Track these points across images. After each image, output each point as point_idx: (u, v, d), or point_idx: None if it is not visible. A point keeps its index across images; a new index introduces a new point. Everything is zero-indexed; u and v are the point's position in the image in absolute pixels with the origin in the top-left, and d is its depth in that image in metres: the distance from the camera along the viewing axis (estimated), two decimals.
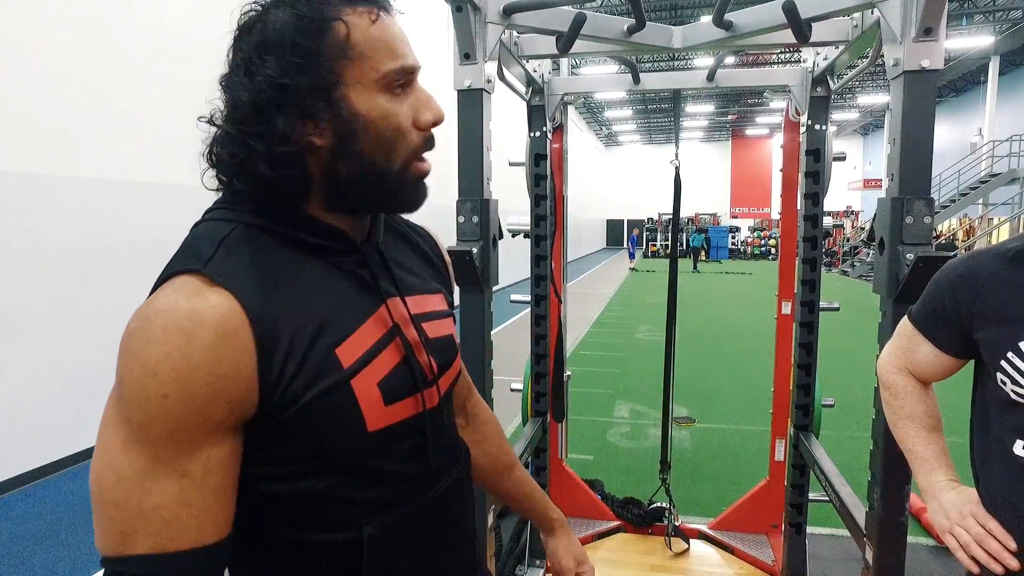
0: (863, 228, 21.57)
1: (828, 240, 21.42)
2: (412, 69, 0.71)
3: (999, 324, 0.99)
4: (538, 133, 2.51)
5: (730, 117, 29.55)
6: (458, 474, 0.83)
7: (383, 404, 0.70)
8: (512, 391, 2.75)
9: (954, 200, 15.62)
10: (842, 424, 4.70)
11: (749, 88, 3.25)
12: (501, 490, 1.07)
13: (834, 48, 2.06)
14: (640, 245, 26.78)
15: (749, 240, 28.94)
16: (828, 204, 2.34)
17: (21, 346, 3.77)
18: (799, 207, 2.35)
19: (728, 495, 3.45)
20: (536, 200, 2.56)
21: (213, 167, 0.69)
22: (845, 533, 2.26)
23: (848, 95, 22.99)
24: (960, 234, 17.54)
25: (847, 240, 22.27)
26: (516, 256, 4.14)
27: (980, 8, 14.63)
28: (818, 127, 2.25)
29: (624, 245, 32.55)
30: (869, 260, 17.35)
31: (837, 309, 2.42)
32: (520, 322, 8.24)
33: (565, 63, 2.92)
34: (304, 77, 0.64)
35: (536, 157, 2.52)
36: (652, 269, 20.77)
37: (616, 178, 34.87)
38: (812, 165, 2.26)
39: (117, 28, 4.27)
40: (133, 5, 4.40)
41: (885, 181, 1.50)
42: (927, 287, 1.13)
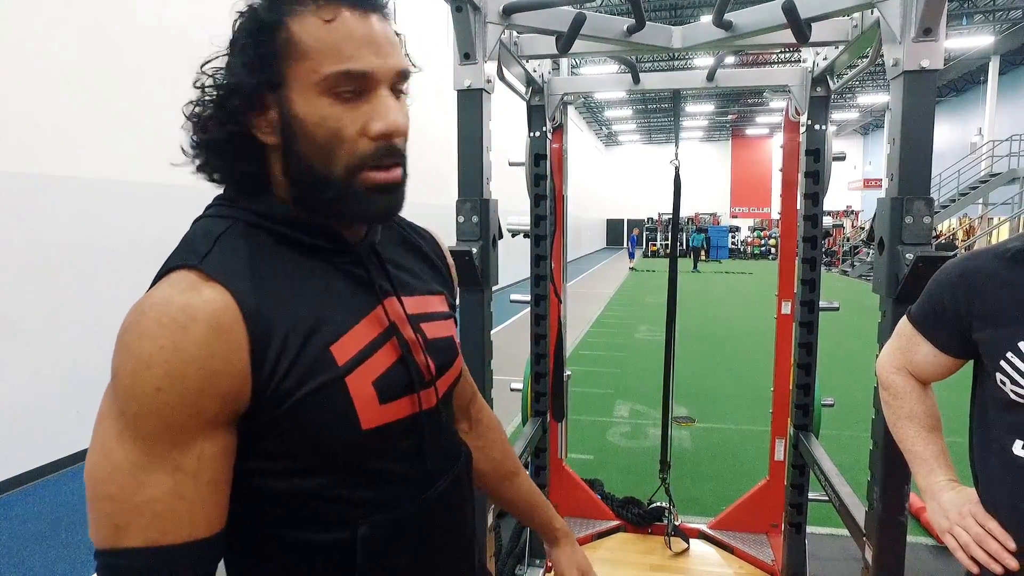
0: (863, 228, 21.56)
1: (828, 240, 21.43)
2: (360, 74, 0.66)
3: (998, 324, 0.99)
4: (538, 133, 2.51)
5: (730, 117, 29.55)
6: (457, 475, 0.83)
7: (378, 403, 0.69)
8: (512, 391, 2.75)
9: (954, 200, 15.62)
10: (842, 424, 4.70)
11: (749, 88, 3.25)
12: (503, 497, 1.06)
13: (834, 48, 2.06)
14: (640, 245, 26.80)
15: (749, 240, 28.96)
16: (828, 204, 2.34)
17: (21, 346, 3.78)
18: (799, 207, 2.35)
19: (728, 495, 3.45)
20: (536, 200, 2.56)
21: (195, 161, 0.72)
22: (845, 533, 2.26)
23: (848, 95, 22.99)
24: (960, 234, 17.54)
25: (847, 240, 22.28)
26: (516, 256, 4.14)
27: (980, 8, 14.63)
28: (818, 127, 2.25)
29: (624, 245, 32.56)
30: (869, 260, 17.35)
31: (837, 309, 2.42)
32: (520, 322, 8.24)
33: (565, 63, 2.92)
34: (250, 77, 0.66)
35: (536, 157, 2.52)
36: (652, 269, 20.77)
37: (616, 178, 34.86)
38: (812, 165, 2.27)
39: (117, 28, 4.27)
40: (133, 5, 4.40)
41: (885, 181, 1.50)
42: (926, 287, 1.13)
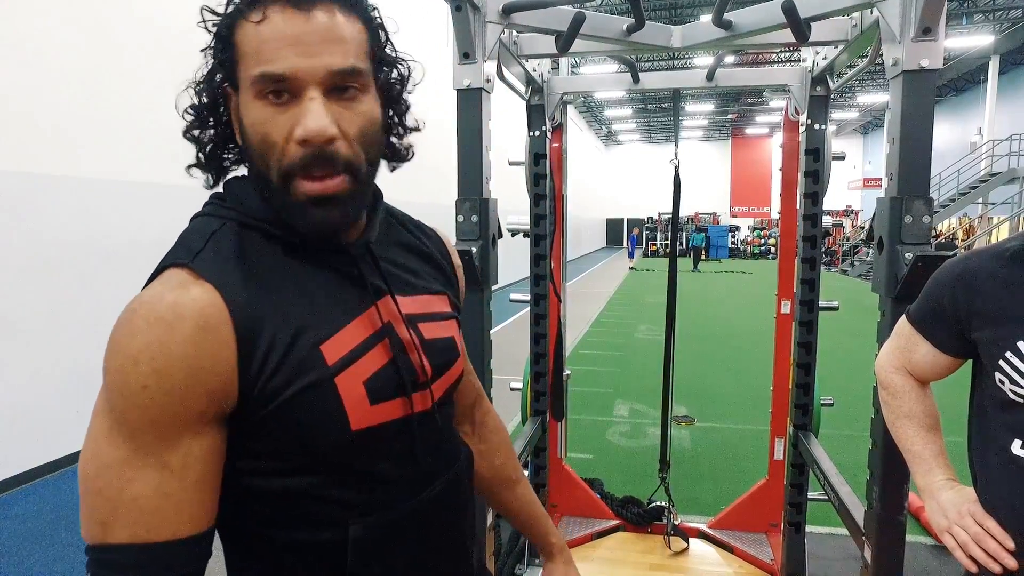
0: (863, 227, 21.57)
1: (828, 239, 21.42)
2: (278, 76, 0.62)
3: (997, 324, 0.99)
4: (537, 132, 2.51)
5: (730, 116, 29.55)
6: (454, 478, 0.81)
7: (368, 404, 0.68)
8: (512, 390, 2.75)
9: (954, 199, 15.62)
10: (841, 423, 4.70)
11: (749, 88, 3.25)
12: (501, 504, 1.05)
13: (833, 48, 2.06)
14: (640, 244, 26.79)
15: (749, 239, 28.96)
16: (828, 203, 2.34)
17: (21, 346, 3.78)
18: (798, 206, 2.35)
19: (727, 494, 3.45)
20: (535, 199, 2.56)
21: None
22: (844, 532, 2.26)
23: (848, 94, 22.98)
24: (960, 233, 17.54)
25: (847, 239, 22.28)
26: (515, 255, 4.15)
27: (980, 7, 14.63)
28: (817, 126, 2.25)
29: (624, 244, 32.56)
30: (868, 259, 17.35)
31: (836, 308, 2.42)
32: (520, 321, 8.24)
33: (565, 62, 2.92)
34: (212, 79, 0.69)
35: (535, 156, 2.52)
36: (652, 268, 20.76)
37: (616, 177, 34.85)
38: (811, 164, 2.27)
39: (117, 28, 4.27)
40: (133, 5, 4.40)
41: (884, 180, 1.50)
42: (925, 286, 1.13)
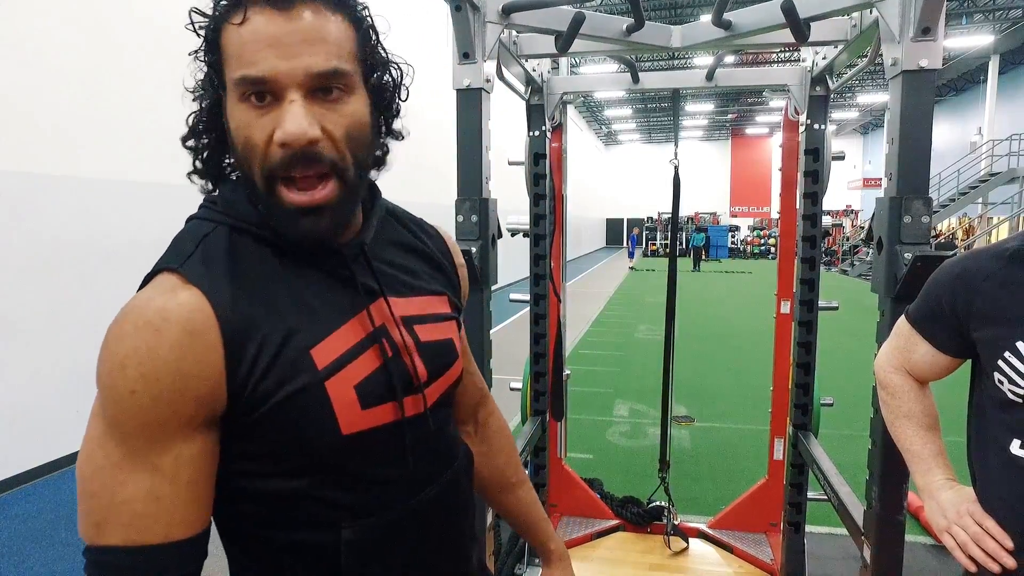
0: (862, 227, 21.57)
1: (827, 239, 21.42)
2: (258, 79, 0.62)
3: (996, 324, 0.99)
4: (537, 132, 2.51)
5: (730, 116, 29.55)
6: (453, 479, 0.80)
7: (359, 408, 0.68)
8: (512, 390, 2.75)
9: (953, 199, 15.62)
10: (841, 423, 4.70)
11: (748, 87, 3.25)
12: (502, 507, 1.03)
13: (833, 48, 2.06)
14: (640, 244, 26.78)
15: (749, 239, 28.95)
16: (828, 203, 2.34)
17: (21, 346, 3.78)
18: (798, 206, 2.35)
19: (727, 494, 3.45)
20: (535, 199, 2.56)
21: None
22: (844, 532, 2.26)
23: (848, 94, 22.98)
24: (959, 233, 17.54)
25: (846, 239, 22.28)
26: (515, 255, 4.15)
27: (980, 7, 14.62)
28: (817, 126, 2.25)
29: (624, 244, 32.55)
30: (868, 259, 17.35)
31: (836, 308, 2.42)
32: (519, 321, 8.24)
33: (564, 62, 2.92)
34: (206, 84, 0.69)
35: (535, 156, 2.52)
36: (652, 268, 20.76)
37: (616, 177, 34.85)
38: (811, 164, 2.27)
39: (117, 28, 4.27)
40: (133, 5, 4.39)
41: (884, 180, 1.50)
42: (925, 286, 1.13)
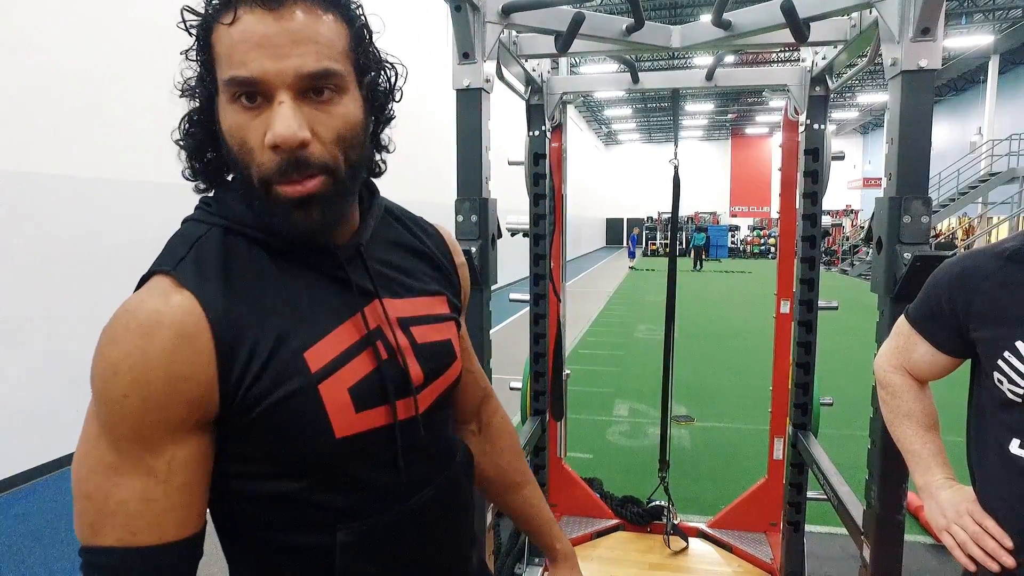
0: (862, 227, 21.57)
1: (827, 239, 21.43)
2: (247, 80, 0.61)
3: (996, 324, 1.00)
4: (537, 132, 2.51)
5: (729, 116, 29.54)
6: (451, 480, 0.80)
7: (353, 411, 0.68)
8: (511, 390, 2.75)
9: (953, 199, 15.62)
10: (840, 423, 4.70)
11: (748, 87, 3.25)
12: (507, 506, 1.02)
13: (832, 48, 2.06)
14: (640, 244, 26.78)
15: (749, 239, 28.96)
16: (828, 203, 2.34)
17: (21, 345, 3.78)
18: (798, 206, 2.35)
19: (727, 493, 3.45)
20: (535, 199, 2.56)
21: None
22: (843, 531, 2.27)
23: (848, 94, 22.98)
24: (959, 233, 17.54)
25: (846, 239, 22.27)
26: (515, 255, 4.15)
27: (980, 7, 14.62)
28: (817, 126, 2.25)
29: (623, 244, 32.54)
30: (868, 259, 17.34)
31: (836, 308, 2.42)
32: (519, 321, 8.24)
33: (564, 62, 2.92)
34: (195, 81, 0.68)
35: (535, 156, 2.52)
36: (652, 268, 20.76)
37: (616, 177, 34.84)
38: (811, 164, 2.26)
39: (117, 28, 4.27)
40: (133, 5, 4.39)
41: (883, 180, 1.51)
42: (924, 286, 1.13)
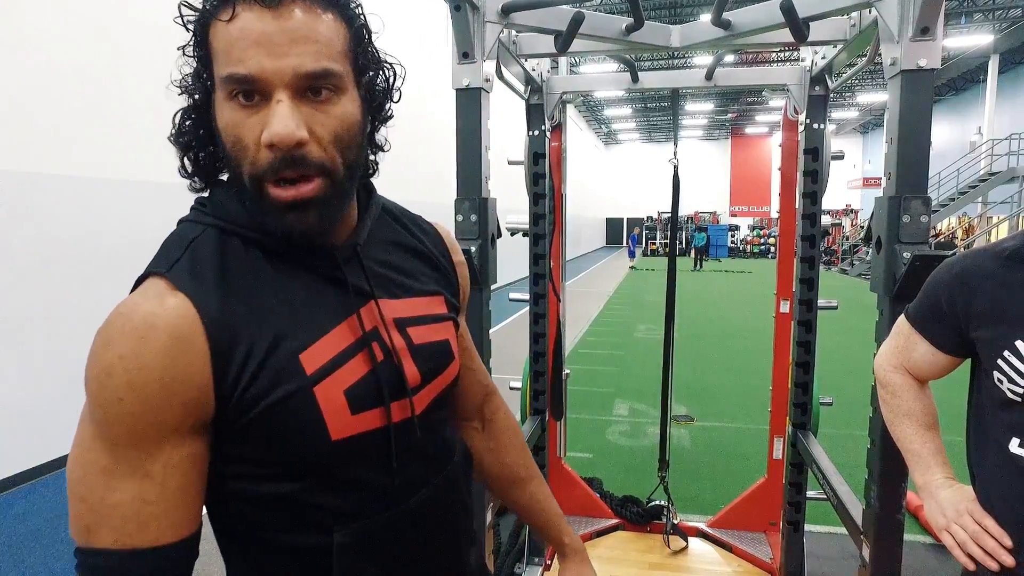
0: (862, 226, 21.57)
1: (827, 238, 21.43)
2: (244, 78, 0.61)
3: (995, 323, 1.00)
4: (537, 132, 2.51)
5: (729, 115, 29.53)
6: (449, 480, 0.80)
7: (349, 413, 0.67)
8: (511, 389, 2.75)
9: (953, 199, 15.62)
10: (840, 422, 4.70)
11: (748, 87, 3.25)
12: (513, 502, 1.02)
13: (832, 47, 2.06)
14: (640, 244, 26.78)
15: (748, 239, 28.96)
16: (827, 202, 2.34)
17: (21, 345, 3.78)
18: (797, 205, 2.35)
19: (726, 493, 3.45)
20: (535, 199, 2.56)
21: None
22: (843, 531, 2.27)
23: (847, 93, 22.97)
24: (959, 232, 17.54)
25: (846, 239, 22.27)
26: (515, 254, 4.15)
27: (979, 7, 14.62)
28: (816, 126, 2.25)
29: (623, 243, 32.54)
30: (868, 259, 17.31)
31: (835, 307, 2.42)
32: (519, 320, 8.24)
33: (564, 62, 2.92)
34: (195, 80, 0.67)
35: (535, 156, 2.52)
36: (652, 268, 20.75)
37: (616, 176, 34.83)
38: (810, 164, 2.26)
39: (117, 28, 4.27)
40: (133, 5, 4.39)
41: (883, 180, 1.51)
42: (924, 286, 1.13)
